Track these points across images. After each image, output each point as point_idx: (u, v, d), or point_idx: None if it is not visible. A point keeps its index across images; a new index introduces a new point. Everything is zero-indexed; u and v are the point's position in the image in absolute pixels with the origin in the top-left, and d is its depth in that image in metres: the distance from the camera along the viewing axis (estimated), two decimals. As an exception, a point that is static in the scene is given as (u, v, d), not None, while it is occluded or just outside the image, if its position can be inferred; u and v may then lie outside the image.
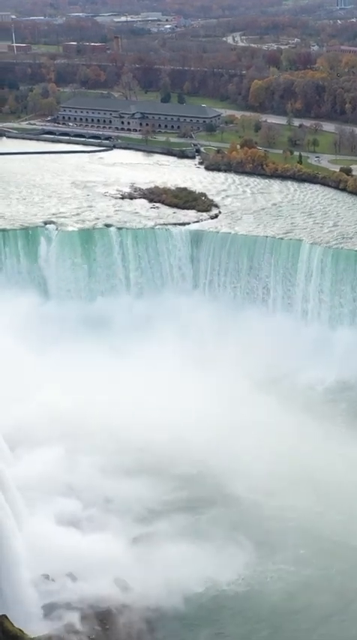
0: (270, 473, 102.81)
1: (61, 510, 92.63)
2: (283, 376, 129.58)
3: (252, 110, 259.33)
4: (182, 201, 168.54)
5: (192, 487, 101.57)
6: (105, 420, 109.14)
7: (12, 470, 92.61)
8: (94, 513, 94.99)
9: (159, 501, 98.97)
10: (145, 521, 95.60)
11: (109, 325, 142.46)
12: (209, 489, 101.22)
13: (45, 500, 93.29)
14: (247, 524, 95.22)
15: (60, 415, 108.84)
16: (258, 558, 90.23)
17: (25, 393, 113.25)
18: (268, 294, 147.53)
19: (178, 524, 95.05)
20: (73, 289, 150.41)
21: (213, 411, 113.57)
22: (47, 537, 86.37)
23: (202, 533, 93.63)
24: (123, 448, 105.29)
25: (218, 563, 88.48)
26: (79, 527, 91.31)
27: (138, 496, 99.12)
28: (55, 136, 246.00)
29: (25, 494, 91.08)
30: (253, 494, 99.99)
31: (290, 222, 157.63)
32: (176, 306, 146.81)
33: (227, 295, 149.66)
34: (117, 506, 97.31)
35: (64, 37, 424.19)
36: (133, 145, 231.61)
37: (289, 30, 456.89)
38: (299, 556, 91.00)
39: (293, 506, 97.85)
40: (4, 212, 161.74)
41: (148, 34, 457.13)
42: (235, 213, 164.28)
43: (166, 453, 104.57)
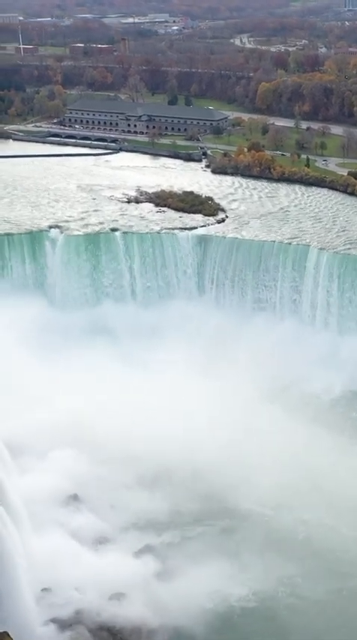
0: (279, 485, 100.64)
1: (65, 522, 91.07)
2: (291, 384, 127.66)
3: (259, 113, 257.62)
4: (188, 205, 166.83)
5: (200, 498, 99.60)
6: (111, 429, 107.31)
7: (15, 480, 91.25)
8: (99, 525, 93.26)
9: (166, 513, 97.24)
10: (151, 533, 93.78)
11: (114, 331, 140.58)
12: (217, 501, 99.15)
13: (49, 511, 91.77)
14: (255, 538, 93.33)
15: (65, 424, 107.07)
16: (268, 573, 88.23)
17: (29, 401, 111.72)
18: (276, 300, 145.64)
19: (185, 536, 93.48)
20: (77, 294, 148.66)
21: (220, 420, 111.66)
22: (50, 550, 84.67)
23: (210, 547, 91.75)
24: (130, 458, 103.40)
25: (227, 578, 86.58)
26: (84, 540, 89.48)
27: (144, 507, 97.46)
28: (61, 138, 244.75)
29: (29, 505, 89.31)
30: (262, 507, 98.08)
31: (298, 227, 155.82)
32: (182, 313, 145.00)
33: (234, 301, 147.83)
34: (123, 518, 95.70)
35: (71, 39, 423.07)
36: (139, 148, 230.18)
37: (297, 32, 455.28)
38: (310, 571, 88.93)
39: (303, 520, 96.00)
40: (9, 216, 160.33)
41: (156, 35, 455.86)
42: (242, 217, 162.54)
43: (173, 463, 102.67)
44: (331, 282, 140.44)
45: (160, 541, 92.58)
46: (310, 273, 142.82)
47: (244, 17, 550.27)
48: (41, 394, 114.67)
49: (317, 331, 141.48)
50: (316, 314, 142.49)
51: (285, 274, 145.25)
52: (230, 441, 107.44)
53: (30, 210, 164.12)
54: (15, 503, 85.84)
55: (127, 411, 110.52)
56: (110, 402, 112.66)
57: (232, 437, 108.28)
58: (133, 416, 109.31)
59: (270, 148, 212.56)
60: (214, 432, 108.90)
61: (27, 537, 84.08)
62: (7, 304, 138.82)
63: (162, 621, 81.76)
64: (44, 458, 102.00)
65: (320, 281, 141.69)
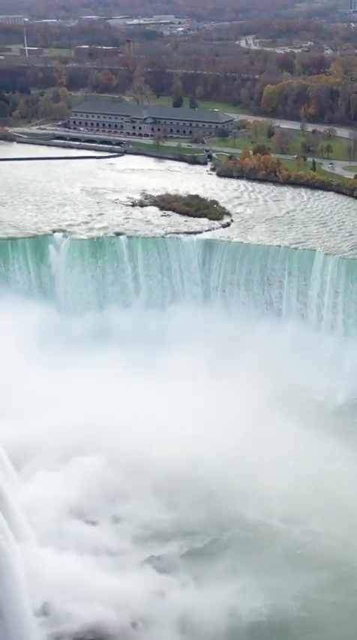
0: (287, 495, 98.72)
1: (67, 534, 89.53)
2: (297, 391, 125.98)
3: (265, 115, 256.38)
4: (193, 209, 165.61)
5: (206, 509, 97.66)
6: (115, 438, 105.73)
7: (16, 490, 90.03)
8: (102, 536, 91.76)
9: (171, 524, 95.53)
10: (156, 544, 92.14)
11: (119, 336, 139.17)
12: (224, 512, 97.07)
13: (50, 523, 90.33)
14: (264, 550, 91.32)
15: (69, 432, 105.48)
16: (278, 586, 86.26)
17: (32, 408, 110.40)
18: (281, 305, 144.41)
19: (191, 548, 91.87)
20: (82, 299, 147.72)
21: (226, 428, 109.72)
22: (51, 563, 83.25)
23: (217, 559, 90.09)
24: (135, 467, 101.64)
25: (235, 591, 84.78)
26: (87, 552, 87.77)
27: (149, 518, 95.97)
28: (66, 141, 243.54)
29: (30, 516, 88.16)
30: (270, 518, 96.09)
31: (304, 232, 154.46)
32: (187, 318, 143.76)
33: (239, 306, 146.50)
34: (127, 529, 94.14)
35: (76, 40, 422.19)
36: (144, 151, 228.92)
37: (303, 33, 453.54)
38: (320, 584, 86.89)
39: (312, 531, 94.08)
40: (13, 220, 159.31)
41: (161, 37, 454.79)
42: (248, 221, 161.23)
43: (178, 472, 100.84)
44: (337, 287, 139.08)
45: (165, 552, 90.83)
46: (316, 279, 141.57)
47: (250, 18, 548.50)
48: (45, 401, 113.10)
49: (323, 336, 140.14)
50: (322, 319, 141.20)
51: (291, 279, 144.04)
52: (237, 449, 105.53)
53: (34, 214, 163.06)
54: (16, 514, 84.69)
55: (131, 419, 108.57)
56: (115, 409, 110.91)
57: (238, 445, 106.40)
58: (138, 424, 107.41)
59: (276, 151, 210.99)
60: (220, 441, 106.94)
61: (28, 549, 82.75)
62: (11, 309, 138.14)
63: (167, 636, 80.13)
64: (48, 467, 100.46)
65: (326, 286, 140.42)
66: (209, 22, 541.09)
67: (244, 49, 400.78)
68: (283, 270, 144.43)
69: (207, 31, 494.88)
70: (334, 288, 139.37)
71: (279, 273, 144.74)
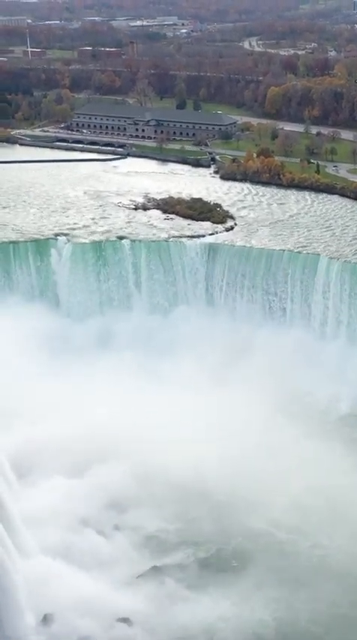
0: (293, 505, 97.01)
1: (68, 544, 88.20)
2: (302, 397, 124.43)
3: (268, 117, 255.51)
4: (197, 212, 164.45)
5: (210, 519, 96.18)
6: (119, 446, 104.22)
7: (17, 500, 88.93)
8: (103, 548, 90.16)
9: (175, 534, 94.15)
10: (159, 555, 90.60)
11: (122, 341, 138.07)
12: (229, 522, 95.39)
13: (52, 533, 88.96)
14: (270, 561, 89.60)
15: (72, 441, 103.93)
16: (286, 597, 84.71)
17: (34, 415, 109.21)
18: (285, 310, 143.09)
19: (195, 558, 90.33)
20: (84, 303, 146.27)
21: (230, 435, 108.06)
22: (53, 574, 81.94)
23: (221, 570, 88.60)
24: (138, 476, 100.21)
25: (240, 603, 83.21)
26: (90, 562, 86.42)
27: (153, 528, 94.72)
28: (69, 143, 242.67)
29: (31, 526, 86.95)
30: (276, 529, 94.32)
31: (308, 235, 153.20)
32: (191, 322, 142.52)
33: (243, 311, 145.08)
34: (131, 539, 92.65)
35: (79, 42, 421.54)
36: (147, 154, 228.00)
37: (306, 35, 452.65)
38: (328, 596, 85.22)
39: (319, 543, 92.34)
40: (15, 223, 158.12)
41: (164, 38, 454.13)
42: (252, 225, 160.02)
43: (181, 481, 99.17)
44: (342, 292, 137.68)
45: (170, 563, 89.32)
46: (320, 283, 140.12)
47: (253, 20, 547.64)
48: (48, 408, 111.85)
49: (328, 341, 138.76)
50: (326, 324, 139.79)
51: (294, 284, 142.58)
52: (242, 457, 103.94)
53: (36, 218, 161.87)
54: (17, 524, 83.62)
55: (135, 427, 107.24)
56: (118, 417, 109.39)
57: (243, 453, 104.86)
58: (141, 430, 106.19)
59: (279, 154, 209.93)
60: (224, 448, 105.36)
61: (30, 560, 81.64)
62: (13, 313, 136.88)
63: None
64: (51, 476, 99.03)
65: (331, 291, 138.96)
66: (212, 23, 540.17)
67: (248, 50, 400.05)
68: (287, 274, 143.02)
69: (210, 32, 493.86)
70: (338, 292, 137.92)
71: (283, 277, 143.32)
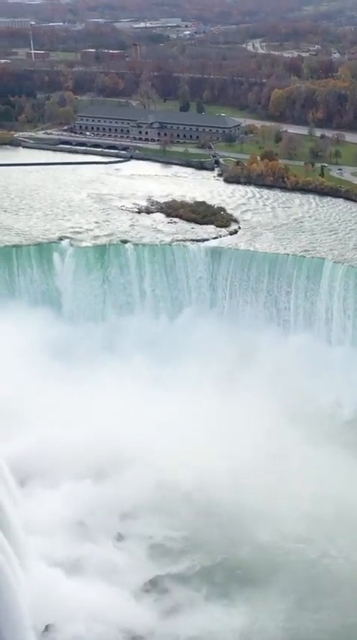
0: (302, 514, 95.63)
1: (71, 553, 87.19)
2: (308, 402, 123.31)
3: (272, 120, 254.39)
4: (200, 216, 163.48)
5: (216, 528, 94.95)
6: (121, 452, 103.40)
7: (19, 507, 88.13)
8: (107, 557, 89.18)
9: (180, 542, 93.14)
10: (163, 564, 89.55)
11: (125, 346, 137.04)
12: (235, 531, 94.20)
13: (54, 541, 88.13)
14: (277, 571, 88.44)
15: (77, 447, 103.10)
16: (293, 608, 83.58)
17: (38, 421, 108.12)
18: (290, 314, 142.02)
19: (200, 567, 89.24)
20: (87, 308, 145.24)
21: (236, 442, 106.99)
22: (54, 583, 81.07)
23: (227, 578, 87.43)
24: (142, 483, 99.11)
25: (248, 612, 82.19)
26: (90, 573, 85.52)
27: (155, 536, 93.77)
28: (72, 146, 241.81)
29: (33, 534, 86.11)
30: (283, 538, 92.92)
31: (312, 239, 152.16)
32: (194, 327, 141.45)
33: (247, 315, 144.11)
34: (135, 547, 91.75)
35: (82, 44, 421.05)
36: (150, 156, 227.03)
37: (310, 36, 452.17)
38: (337, 606, 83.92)
39: (328, 553, 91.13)
40: (17, 226, 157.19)
41: (167, 40, 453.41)
42: (256, 228, 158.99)
43: (187, 489, 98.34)
44: (347, 296, 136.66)
45: (174, 572, 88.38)
46: (325, 288, 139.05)
47: (257, 22, 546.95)
48: (52, 413, 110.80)
49: (333, 345, 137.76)
50: (331, 329, 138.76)
51: (299, 288, 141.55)
52: (248, 466, 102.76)
53: (38, 221, 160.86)
54: (19, 533, 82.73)
55: (138, 433, 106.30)
56: (121, 422, 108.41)
57: (249, 460, 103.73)
58: (146, 438, 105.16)
59: (283, 157, 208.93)
60: (230, 455, 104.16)
61: (31, 569, 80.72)
62: (16, 318, 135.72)
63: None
64: (52, 482, 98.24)
65: (335, 295, 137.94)
66: (216, 25, 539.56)
67: (251, 52, 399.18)
68: (292, 278, 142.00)
69: (214, 34, 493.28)
70: (343, 297, 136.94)
71: (287, 281, 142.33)
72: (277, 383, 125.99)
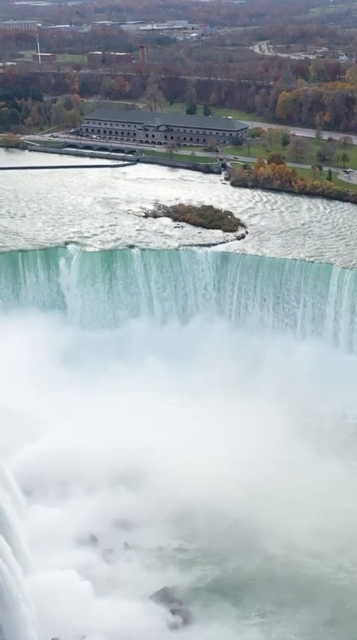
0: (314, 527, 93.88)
1: (76, 564, 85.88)
2: (317, 410, 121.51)
3: (279, 123, 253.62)
4: (207, 220, 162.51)
5: (226, 540, 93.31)
6: (129, 461, 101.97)
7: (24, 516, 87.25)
8: (113, 567, 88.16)
9: (189, 554, 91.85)
10: (171, 575, 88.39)
11: (131, 352, 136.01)
12: (245, 543, 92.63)
13: (59, 552, 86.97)
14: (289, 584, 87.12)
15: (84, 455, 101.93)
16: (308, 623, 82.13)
17: (44, 429, 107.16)
18: (297, 320, 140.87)
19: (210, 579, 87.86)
20: (93, 313, 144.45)
21: (245, 451, 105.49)
22: (59, 595, 79.91)
23: (238, 590, 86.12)
24: (149, 493, 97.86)
25: (258, 624, 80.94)
26: (98, 584, 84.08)
27: (164, 547, 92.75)
28: (78, 149, 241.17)
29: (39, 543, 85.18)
30: (296, 551, 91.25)
31: (320, 244, 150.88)
32: (201, 333, 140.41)
33: (254, 321, 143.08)
34: (143, 558, 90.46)
35: (89, 46, 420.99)
36: (157, 159, 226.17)
37: (317, 39, 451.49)
38: (352, 620, 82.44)
39: (341, 566, 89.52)
40: (23, 230, 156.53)
41: (174, 42, 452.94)
42: (263, 233, 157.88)
43: (195, 500, 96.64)
44: (355, 302, 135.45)
45: (183, 583, 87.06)
46: (333, 293, 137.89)
47: (264, 24, 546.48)
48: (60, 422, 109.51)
49: (340, 351, 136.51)
50: (339, 335, 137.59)
51: (307, 294, 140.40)
52: (258, 475, 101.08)
53: (45, 225, 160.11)
54: (23, 542, 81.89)
55: (147, 442, 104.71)
56: (130, 431, 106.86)
57: (259, 472, 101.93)
58: (154, 446, 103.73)
59: (290, 160, 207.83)
60: (239, 465, 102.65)
61: (36, 582, 79.75)
62: (21, 323, 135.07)
63: None
64: (57, 491, 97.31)
65: (344, 301, 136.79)
66: (223, 27, 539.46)
67: (258, 55, 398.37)
68: (299, 284, 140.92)
69: (220, 36, 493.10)
70: (351, 302, 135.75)
71: (295, 286, 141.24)
72: (286, 390, 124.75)
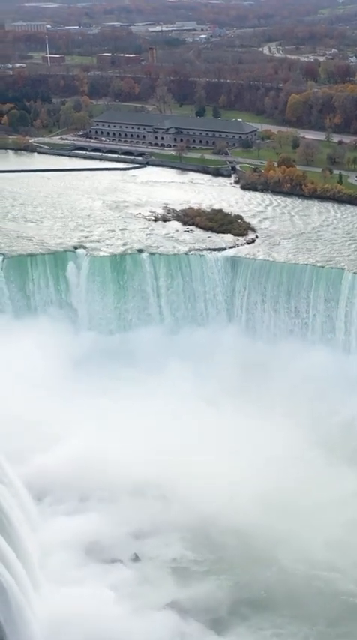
0: (331, 541, 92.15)
1: (89, 577, 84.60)
2: (328, 416, 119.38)
3: (289, 125, 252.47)
4: (217, 224, 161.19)
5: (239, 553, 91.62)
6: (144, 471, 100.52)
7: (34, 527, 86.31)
8: (126, 579, 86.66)
9: (200, 565, 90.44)
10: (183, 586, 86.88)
11: (140, 358, 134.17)
12: (259, 557, 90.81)
13: (69, 562, 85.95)
14: (305, 600, 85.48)
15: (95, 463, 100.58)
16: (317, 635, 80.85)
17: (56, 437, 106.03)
18: (308, 326, 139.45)
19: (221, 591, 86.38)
20: (102, 318, 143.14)
21: (256, 461, 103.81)
22: (68, 608, 78.84)
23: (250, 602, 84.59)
24: (160, 504, 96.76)
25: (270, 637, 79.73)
26: (106, 596, 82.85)
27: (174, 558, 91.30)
28: (87, 152, 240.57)
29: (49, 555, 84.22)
30: (311, 567, 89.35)
31: (331, 249, 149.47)
32: (211, 338, 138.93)
33: (265, 327, 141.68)
34: (154, 570, 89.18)
35: (98, 48, 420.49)
36: (166, 162, 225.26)
37: (326, 40, 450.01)
38: None
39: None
40: (32, 234, 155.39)
41: (183, 44, 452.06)
42: (273, 237, 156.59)
43: (209, 511, 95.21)
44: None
45: (192, 595, 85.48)
46: (345, 299, 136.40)
47: (273, 25, 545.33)
48: (66, 428, 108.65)
49: (352, 358, 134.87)
50: (351, 341, 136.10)
51: (318, 299, 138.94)
52: (269, 486, 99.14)
53: (53, 229, 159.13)
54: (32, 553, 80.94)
55: (159, 451, 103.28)
56: (142, 439, 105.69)
57: (271, 481, 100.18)
58: (162, 456, 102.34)
59: (301, 163, 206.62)
60: (250, 476, 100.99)
61: (44, 593, 78.82)
62: (31, 328, 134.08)
63: None
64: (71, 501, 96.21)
65: (355, 307, 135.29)
66: (232, 28, 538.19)
67: (268, 56, 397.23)
68: (310, 289, 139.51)
69: (230, 38, 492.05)
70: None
71: (306, 292, 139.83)
72: (297, 397, 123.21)
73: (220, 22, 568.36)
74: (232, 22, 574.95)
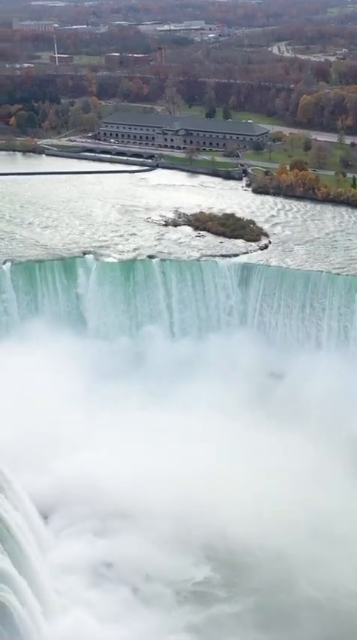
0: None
1: (101, 600, 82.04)
2: (344, 429, 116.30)
3: (300, 127, 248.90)
4: (229, 229, 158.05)
5: (255, 574, 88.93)
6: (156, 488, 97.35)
7: (44, 548, 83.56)
8: (142, 601, 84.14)
9: (215, 586, 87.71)
10: (195, 609, 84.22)
11: (150, 366, 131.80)
12: (275, 578, 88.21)
13: (80, 583, 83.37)
14: (326, 618, 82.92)
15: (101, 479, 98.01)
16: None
17: (62, 450, 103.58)
18: (323, 334, 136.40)
19: (244, 613, 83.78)
20: (112, 325, 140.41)
21: (270, 478, 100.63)
22: (80, 630, 76.18)
23: (270, 624, 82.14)
24: (177, 523, 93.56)
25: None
26: (120, 616, 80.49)
27: (187, 579, 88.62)
28: (96, 154, 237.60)
29: (59, 576, 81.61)
30: (334, 590, 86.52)
31: (346, 255, 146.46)
32: (223, 347, 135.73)
33: (278, 335, 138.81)
34: (166, 590, 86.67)
35: (106, 47, 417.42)
36: (176, 165, 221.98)
37: (336, 39, 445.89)
38: None
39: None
40: (40, 239, 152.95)
41: (192, 43, 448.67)
42: (286, 243, 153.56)
43: (225, 528, 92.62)
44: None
45: (214, 618, 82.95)
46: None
47: (282, 24, 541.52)
48: (76, 440, 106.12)
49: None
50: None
51: (333, 307, 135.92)
52: (283, 505, 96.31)
53: (62, 234, 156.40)
54: (41, 573, 78.21)
55: (165, 465, 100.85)
56: (157, 453, 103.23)
57: (285, 499, 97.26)
58: (174, 472, 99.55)
59: (313, 166, 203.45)
60: (268, 491, 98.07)
61: (54, 615, 76.13)
62: (40, 335, 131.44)
63: None
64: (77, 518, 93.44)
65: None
66: (240, 27, 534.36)
67: (277, 56, 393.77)
68: (325, 297, 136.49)
69: (238, 37, 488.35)
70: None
71: (321, 300, 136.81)
72: (311, 407, 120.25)
73: (227, 20, 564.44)
74: (240, 20, 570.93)
